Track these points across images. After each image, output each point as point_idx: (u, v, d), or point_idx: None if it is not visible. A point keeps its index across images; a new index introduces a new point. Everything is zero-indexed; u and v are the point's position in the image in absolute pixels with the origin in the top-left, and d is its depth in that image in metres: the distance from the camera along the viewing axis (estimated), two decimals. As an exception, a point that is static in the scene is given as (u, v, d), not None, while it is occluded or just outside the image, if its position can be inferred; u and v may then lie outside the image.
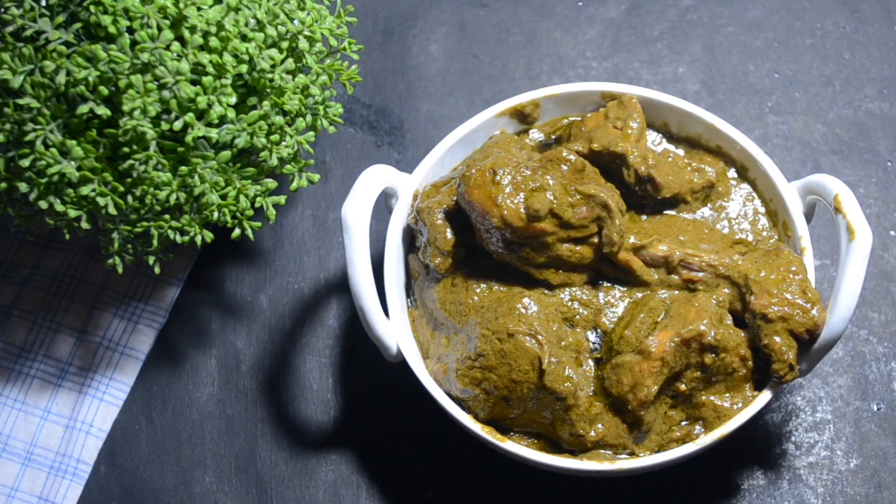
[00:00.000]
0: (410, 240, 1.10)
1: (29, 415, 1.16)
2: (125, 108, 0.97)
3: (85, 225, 1.03)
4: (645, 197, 1.08)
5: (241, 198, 1.04)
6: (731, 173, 1.11)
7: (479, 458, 1.11)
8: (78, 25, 1.00)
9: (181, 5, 1.00)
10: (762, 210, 1.10)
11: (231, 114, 1.01)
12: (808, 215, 1.07)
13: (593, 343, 1.03)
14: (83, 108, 0.98)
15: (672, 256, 1.04)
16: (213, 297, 1.21)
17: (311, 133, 1.08)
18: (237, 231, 1.06)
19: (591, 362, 1.02)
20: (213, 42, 1.01)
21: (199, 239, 1.05)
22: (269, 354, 1.18)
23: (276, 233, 1.24)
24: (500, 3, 1.35)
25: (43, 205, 1.01)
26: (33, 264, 1.21)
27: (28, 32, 0.99)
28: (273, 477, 1.14)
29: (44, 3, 1.01)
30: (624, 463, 0.99)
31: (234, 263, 1.22)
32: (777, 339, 0.98)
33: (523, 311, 1.00)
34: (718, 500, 1.10)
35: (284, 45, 1.05)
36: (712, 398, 1.00)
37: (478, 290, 1.04)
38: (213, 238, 1.07)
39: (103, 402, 1.16)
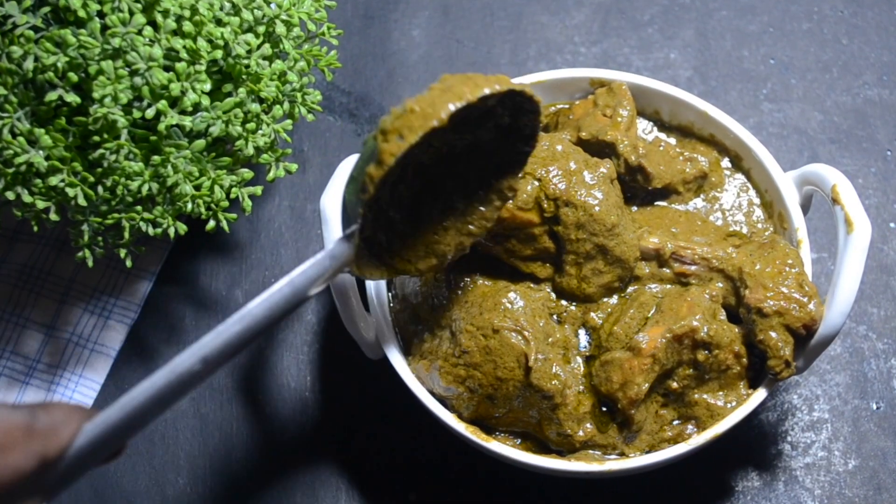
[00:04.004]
0: (392, 232, 1.09)
1: (-4, 414, 1.15)
2: (95, 95, 0.96)
3: (54, 217, 1.02)
4: (635, 187, 1.07)
5: (216, 188, 1.03)
6: (725, 163, 1.11)
7: (464, 459, 1.10)
8: (46, 9, 0.99)
9: (153, -13, 1.00)
10: (757, 201, 1.09)
11: (205, 101, 1.00)
12: (805, 207, 1.06)
13: (582, 340, 1.02)
14: (52, 96, 0.97)
15: (663, 249, 1.02)
16: (186, 291, 1.20)
17: (289, 121, 1.07)
18: (212, 223, 1.05)
19: (579, 359, 1.01)
20: (187, 27, 1.00)
21: (172, 231, 1.04)
22: (245, 351, 1.17)
23: (253, 225, 1.23)
24: (485, -14, 1.34)
25: (10, 196, 1.00)
26: (0, 258, 1.20)
27: (-6, 17, 0.98)
28: (249, 478, 1.13)
29: (10, -14, 1.00)
30: (613, 464, 0.98)
31: (209, 257, 1.21)
32: (773, 334, 0.97)
33: (509, 306, 0.99)
34: (712, 502, 1.10)
35: (261, 29, 1.04)
36: (705, 396, 0.99)
37: (461, 285, 1.02)
38: (186, 230, 1.06)
39: (73, 401, 1.14)
